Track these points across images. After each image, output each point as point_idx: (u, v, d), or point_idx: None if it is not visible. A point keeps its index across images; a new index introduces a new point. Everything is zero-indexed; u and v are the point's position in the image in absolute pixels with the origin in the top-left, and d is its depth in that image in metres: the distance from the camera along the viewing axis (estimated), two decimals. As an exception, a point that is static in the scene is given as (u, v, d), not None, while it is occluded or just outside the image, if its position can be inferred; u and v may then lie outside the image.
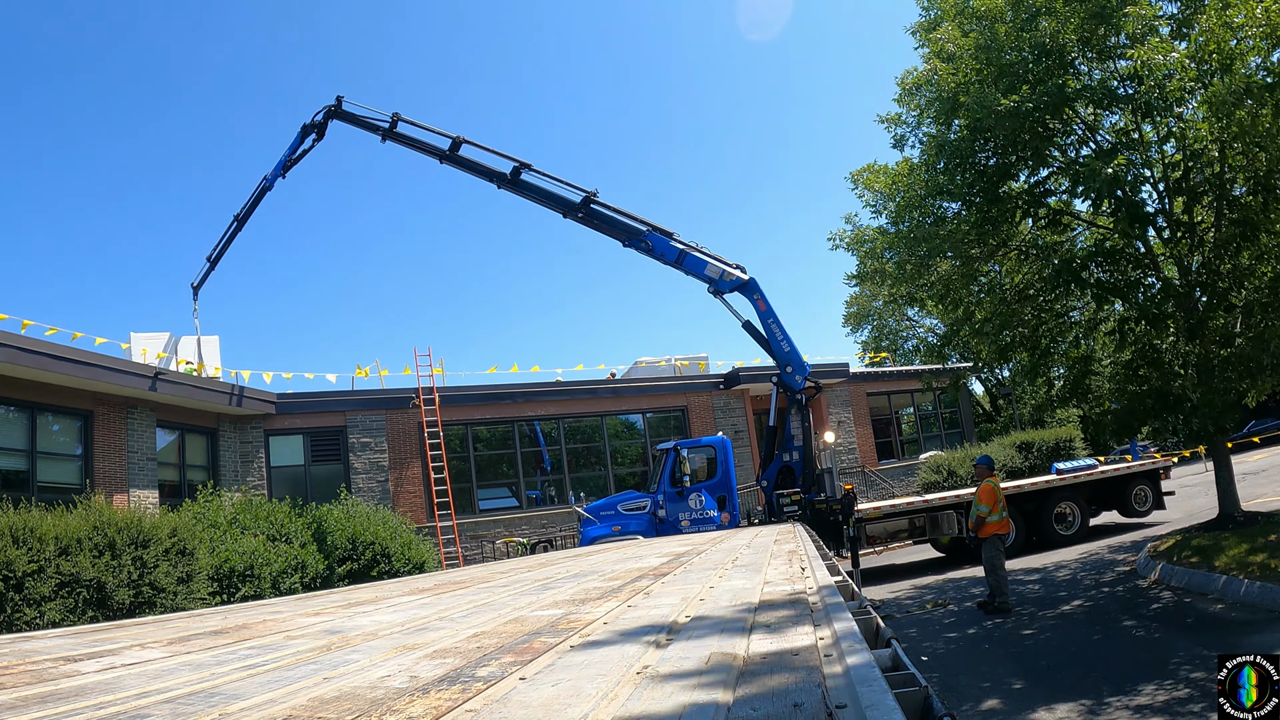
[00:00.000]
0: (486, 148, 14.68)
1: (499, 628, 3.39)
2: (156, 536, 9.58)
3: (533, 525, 18.99)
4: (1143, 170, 10.82)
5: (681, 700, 1.77)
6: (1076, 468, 14.89)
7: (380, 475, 18.47)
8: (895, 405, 25.85)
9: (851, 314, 43.97)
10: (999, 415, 38.27)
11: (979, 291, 12.68)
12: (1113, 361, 12.66)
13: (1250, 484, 15.67)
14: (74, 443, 14.02)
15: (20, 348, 12.03)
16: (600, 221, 14.45)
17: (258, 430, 17.74)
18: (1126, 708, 5.61)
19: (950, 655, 7.88)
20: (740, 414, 22.04)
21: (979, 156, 11.22)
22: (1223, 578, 8.59)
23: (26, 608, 7.95)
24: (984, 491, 10.19)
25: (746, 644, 2.38)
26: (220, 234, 17.66)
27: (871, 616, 2.74)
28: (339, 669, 2.70)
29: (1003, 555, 9.88)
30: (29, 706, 2.41)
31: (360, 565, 13.48)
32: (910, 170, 12.41)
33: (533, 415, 20.60)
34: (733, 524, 13.70)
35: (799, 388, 13.67)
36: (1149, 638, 7.48)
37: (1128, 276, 11.18)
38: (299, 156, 16.28)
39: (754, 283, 13.92)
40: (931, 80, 11.38)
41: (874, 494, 20.89)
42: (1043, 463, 19.55)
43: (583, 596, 4.36)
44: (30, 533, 8.31)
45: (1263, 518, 11.04)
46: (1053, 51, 10.26)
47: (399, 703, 2.03)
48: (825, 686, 1.73)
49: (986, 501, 10.09)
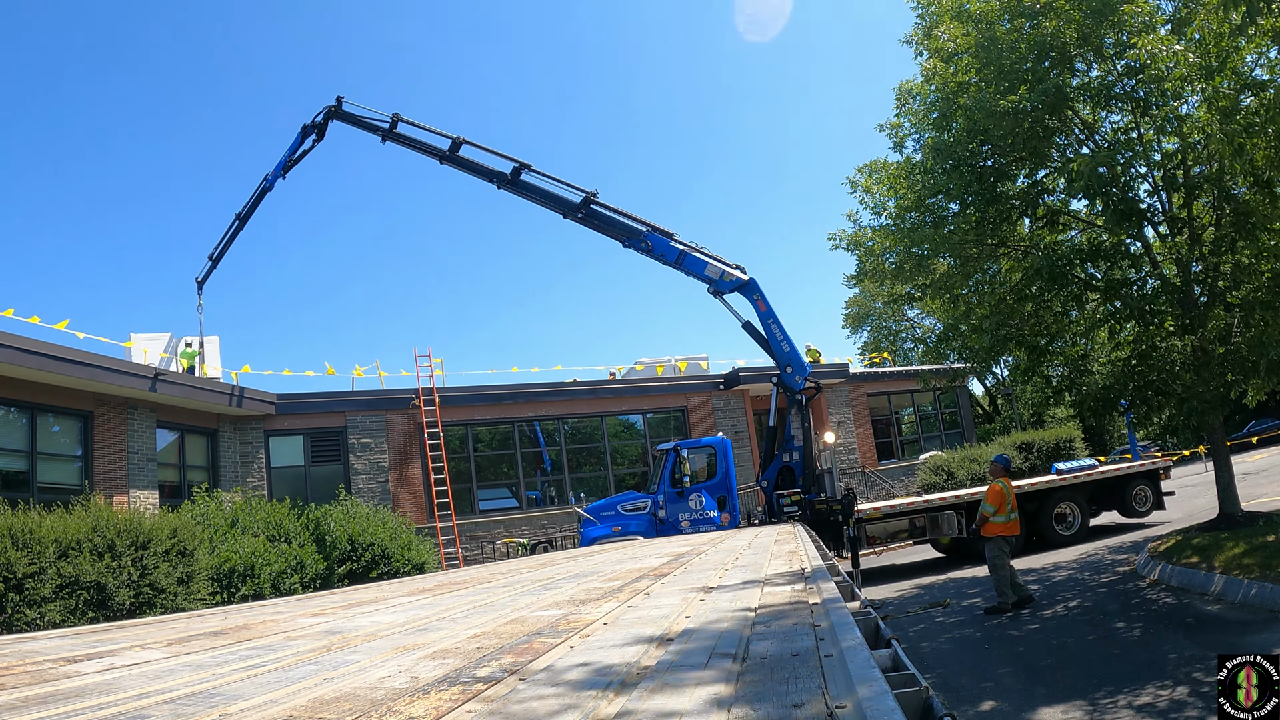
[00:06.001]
0: (486, 148, 14.69)
1: (499, 628, 3.39)
2: (156, 537, 9.58)
3: (533, 526, 18.98)
4: (1139, 167, 10.82)
5: (682, 699, 1.77)
6: (1076, 468, 14.88)
7: (380, 475, 18.46)
8: (895, 405, 25.84)
9: (851, 315, 44.00)
10: (999, 415, 38.27)
11: (977, 291, 12.68)
12: (1109, 361, 12.67)
13: (1250, 484, 15.66)
14: (74, 443, 14.01)
15: (21, 348, 12.03)
16: (600, 222, 14.45)
17: (258, 430, 17.74)
18: (1126, 707, 5.61)
19: (950, 655, 7.88)
20: (740, 414, 22.03)
21: (978, 157, 11.22)
22: (1223, 578, 8.59)
23: (27, 609, 7.95)
24: (992, 491, 10.10)
25: (746, 643, 2.38)
26: (222, 233, 17.75)
27: (871, 616, 2.74)
28: (339, 669, 2.70)
29: (1005, 556, 9.75)
30: (29, 707, 2.41)
31: (360, 566, 13.47)
32: (910, 171, 12.42)
33: (533, 415, 20.59)
34: (733, 524, 13.70)
35: (799, 388, 13.67)
36: (1149, 638, 7.47)
37: (1122, 274, 11.17)
38: (299, 157, 16.28)
39: (754, 283, 13.91)
40: (931, 79, 11.39)
41: (874, 494, 20.88)
42: (1043, 463, 19.56)
43: (583, 597, 4.36)
44: (30, 534, 8.31)
45: (1263, 518, 11.03)
46: (1053, 50, 10.27)
47: (399, 703, 2.03)
48: (825, 686, 1.73)
49: (994, 501, 10.00)
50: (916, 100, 12.18)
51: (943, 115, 11.32)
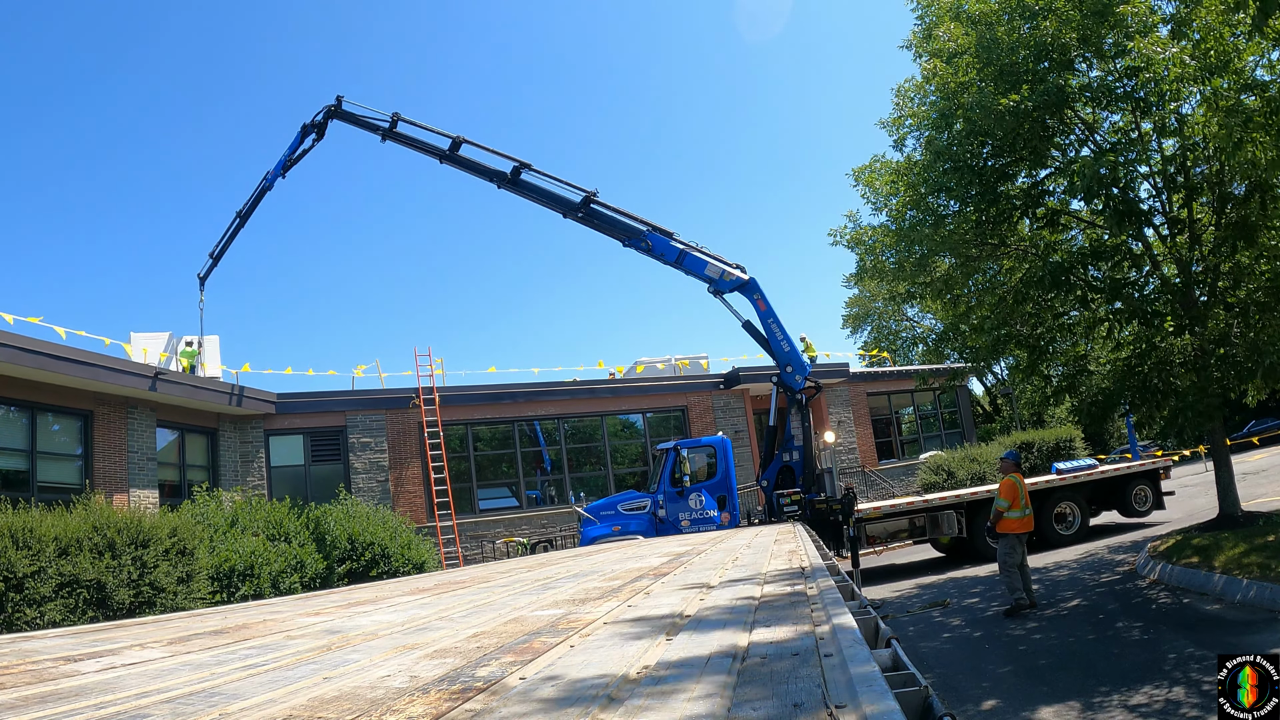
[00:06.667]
0: (486, 148, 14.70)
1: (499, 628, 3.39)
2: (156, 536, 9.58)
3: (533, 525, 18.98)
4: (1138, 167, 10.82)
5: (682, 699, 1.77)
6: (1076, 468, 14.87)
7: (380, 475, 18.46)
8: (895, 405, 25.85)
9: (851, 315, 44.00)
10: (999, 415, 38.27)
11: (977, 291, 12.68)
12: (1110, 361, 12.68)
13: (1250, 484, 15.66)
14: (74, 443, 14.01)
15: (21, 348, 12.03)
16: (600, 221, 14.45)
17: (258, 430, 17.74)
18: (1126, 707, 5.61)
19: (950, 655, 7.88)
20: (740, 414, 22.04)
21: (978, 157, 11.22)
22: (1222, 578, 8.59)
23: (27, 608, 7.94)
24: (1004, 485, 9.90)
25: (746, 642, 2.38)
26: (223, 230, 17.78)
27: (871, 616, 2.74)
28: (339, 669, 2.70)
29: (1017, 554, 9.55)
30: (29, 706, 2.41)
31: (360, 565, 13.47)
32: (910, 169, 12.41)
33: (533, 415, 20.59)
34: (733, 524, 13.70)
35: (799, 388, 13.67)
36: (1148, 638, 7.48)
37: (1123, 276, 11.17)
38: (299, 156, 16.29)
39: (754, 282, 13.91)
40: (931, 79, 11.38)
41: (874, 494, 20.89)
42: (1043, 463, 19.55)
43: (583, 596, 4.36)
44: (30, 533, 8.30)
45: (1263, 518, 11.03)
46: (1053, 50, 10.26)
47: (399, 703, 2.03)
48: (825, 686, 1.73)
49: (1007, 495, 9.79)
50: (916, 100, 12.18)
51: (942, 115, 11.32)
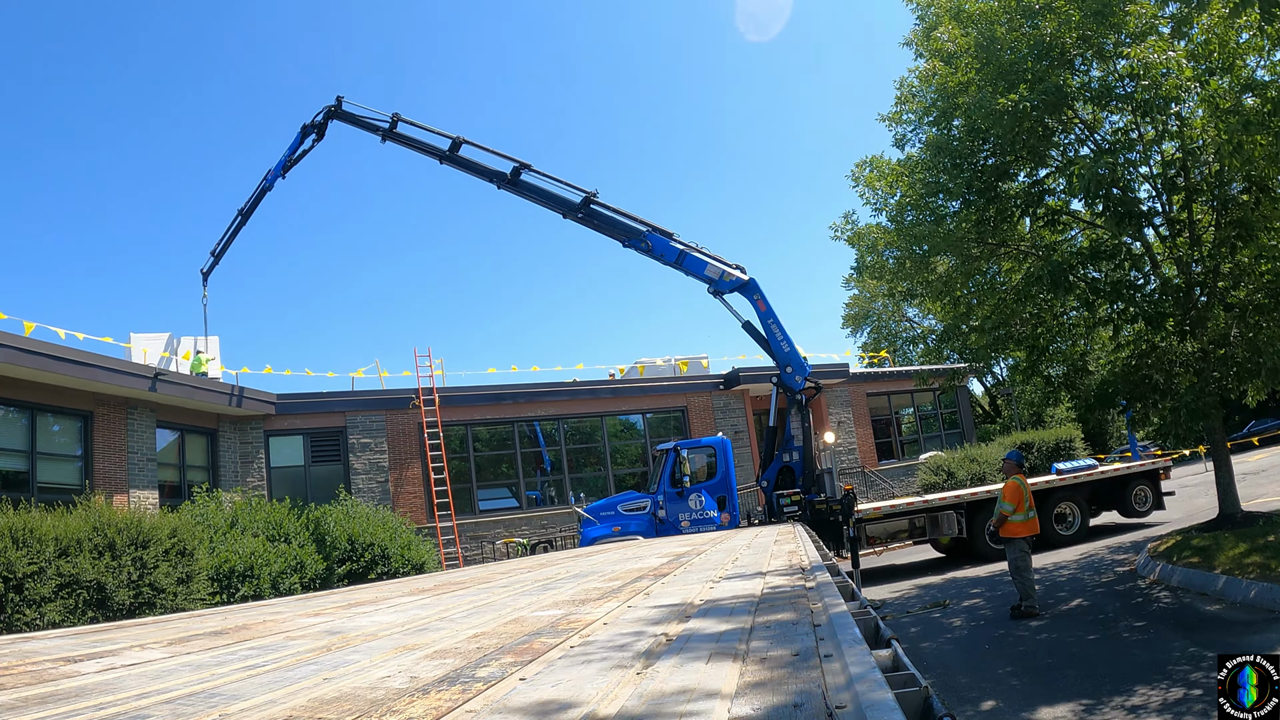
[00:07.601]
0: (486, 148, 14.69)
1: (499, 628, 3.39)
2: (156, 537, 9.58)
3: (533, 525, 18.98)
4: (1139, 168, 10.82)
5: (681, 700, 1.77)
6: (1076, 468, 14.87)
7: (380, 475, 18.46)
8: (895, 405, 25.84)
9: (851, 315, 44.00)
10: (999, 415, 38.27)
11: (977, 291, 12.68)
12: (1110, 361, 12.68)
13: (1250, 484, 15.66)
14: (74, 443, 14.01)
15: (21, 348, 12.03)
16: (600, 222, 14.45)
17: (258, 430, 17.74)
18: (1125, 708, 5.61)
19: (950, 655, 7.88)
20: (740, 414, 22.04)
21: (978, 156, 11.22)
22: (1223, 578, 8.59)
23: (27, 609, 7.95)
24: (1008, 488, 9.71)
25: (746, 643, 2.38)
26: (224, 229, 17.81)
27: (871, 616, 2.74)
28: (339, 669, 2.70)
29: (1028, 557, 9.43)
30: (29, 707, 2.41)
31: (360, 566, 13.48)
32: (910, 168, 12.41)
33: (533, 415, 20.59)
34: (733, 524, 13.70)
35: (799, 388, 13.67)
36: (1149, 638, 7.48)
37: (1124, 276, 11.17)
38: (299, 156, 16.29)
39: (754, 283, 13.92)
40: (930, 79, 11.39)
41: (874, 494, 20.88)
42: (1043, 463, 19.56)
43: (583, 597, 4.36)
44: (30, 534, 8.31)
45: (1263, 518, 11.03)
46: (1053, 50, 10.26)
47: (399, 703, 2.03)
48: (825, 686, 1.73)
49: (1011, 499, 9.58)
50: (916, 98, 12.18)
51: (942, 115, 11.32)
